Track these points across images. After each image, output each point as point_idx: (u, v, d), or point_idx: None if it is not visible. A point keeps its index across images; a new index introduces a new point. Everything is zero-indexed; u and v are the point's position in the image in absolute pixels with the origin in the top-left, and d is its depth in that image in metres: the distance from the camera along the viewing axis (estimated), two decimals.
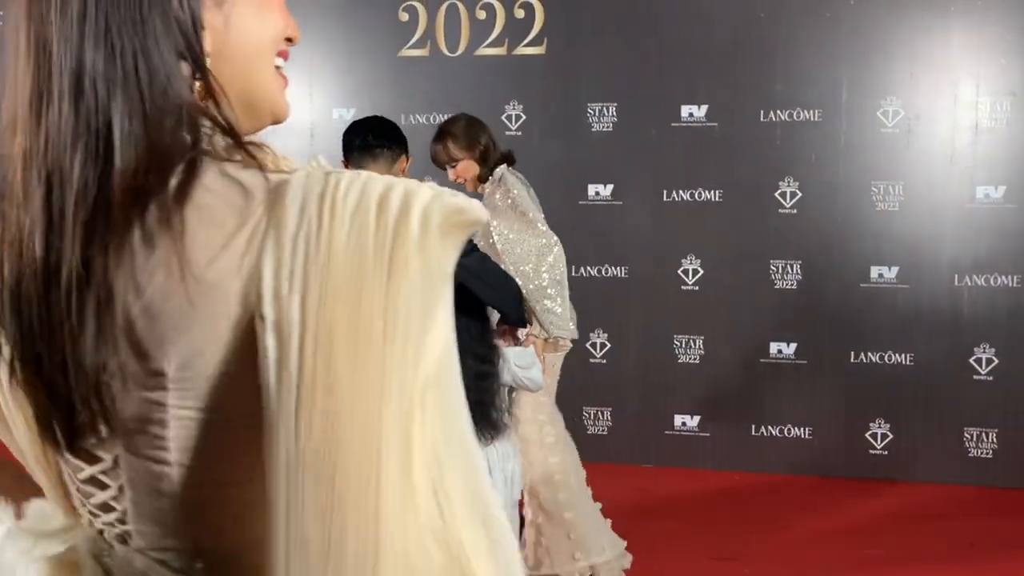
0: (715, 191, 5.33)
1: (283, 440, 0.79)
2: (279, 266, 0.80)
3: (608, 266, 5.47)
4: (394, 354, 0.79)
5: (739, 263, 5.32)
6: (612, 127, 5.42)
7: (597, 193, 5.45)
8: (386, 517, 0.79)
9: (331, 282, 0.79)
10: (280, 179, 0.84)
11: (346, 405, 0.78)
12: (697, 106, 5.31)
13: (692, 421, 5.45)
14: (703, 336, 5.40)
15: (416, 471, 0.80)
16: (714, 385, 5.40)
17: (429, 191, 0.82)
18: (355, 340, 0.78)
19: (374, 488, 0.78)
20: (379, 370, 0.79)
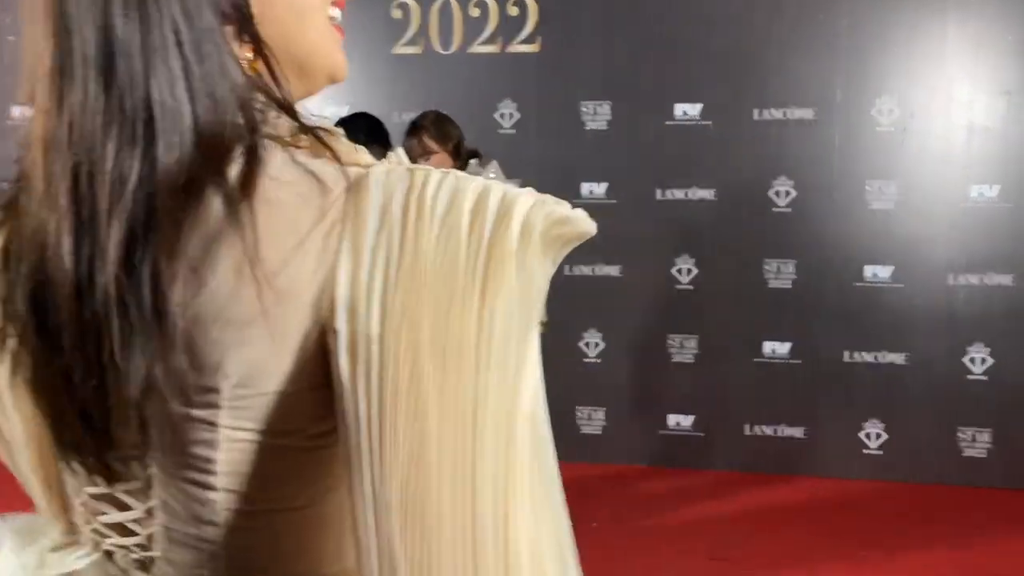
0: (709, 190, 5.30)
1: (367, 474, 0.70)
2: (356, 273, 0.70)
3: (602, 265, 5.45)
4: (488, 384, 0.70)
5: (733, 262, 5.30)
6: (606, 125, 5.40)
7: (591, 192, 5.43)
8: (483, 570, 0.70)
9: (416, 294, 0.69)
10: (358, 172, 0.74)
11: (432, 439, 0.69)
12: (691, 104, 5.29)
13: (686, 421, 5.43)
14: (697, 335, 5.38)
15: (512, 521, 0.71)
16: (708, 385, 5.37)
17: (531, 197, 0.74)
18: (443, 364, 0.69)
19: (469, 541, 0.70)
20: (471, 400, 0.70)
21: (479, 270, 0.70)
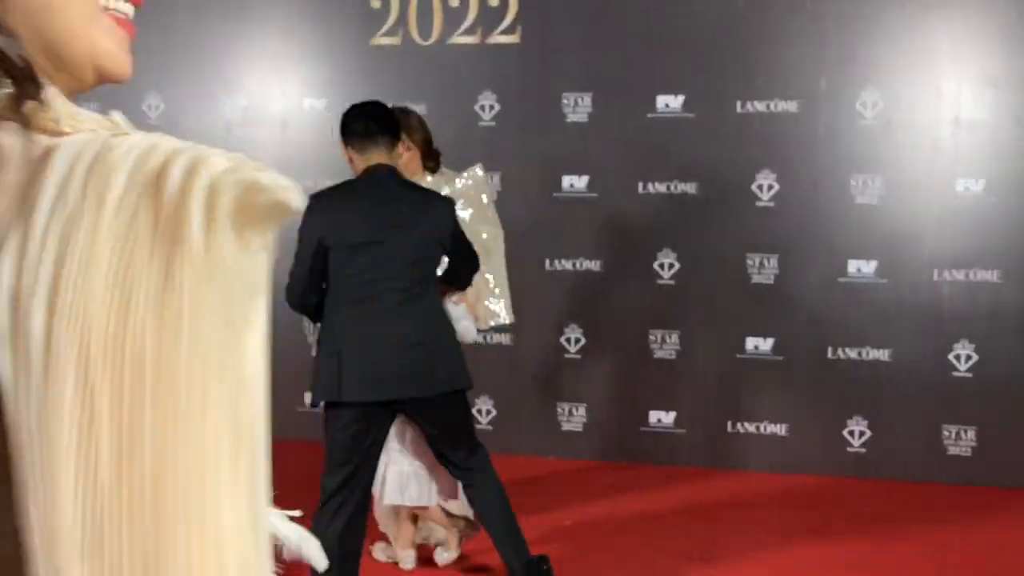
0: (691, 183, 5.26)
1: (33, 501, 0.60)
2: (22, 261, 0.60)
3: (583, 260, 5.41)
4: (177, 393, 0.59)
5: (715, 257, 5.25)
6: (587, 117, 5.34)
7: (572, 185, 5.38)
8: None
9: (90, 283, 0.58)
10: (51, 144, 0.63)
11: (104, 456, 0.59)
12: (674, 96, 5.25)
13: (667, 418, 5.39)
14: (679, 331, 5.34)
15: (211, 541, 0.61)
16: (690, 381, 5.34)
17: (225, 160, 0.62)
18: (120, 367, 0.58)
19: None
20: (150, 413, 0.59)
21: (160, 251, 0.58)
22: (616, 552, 4.18)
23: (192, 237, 0.59)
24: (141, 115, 5.76)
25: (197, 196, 0.59)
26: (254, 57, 5.72)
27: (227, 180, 0.60)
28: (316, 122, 5.67)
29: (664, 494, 4.93)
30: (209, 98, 5.79)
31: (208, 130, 5.77)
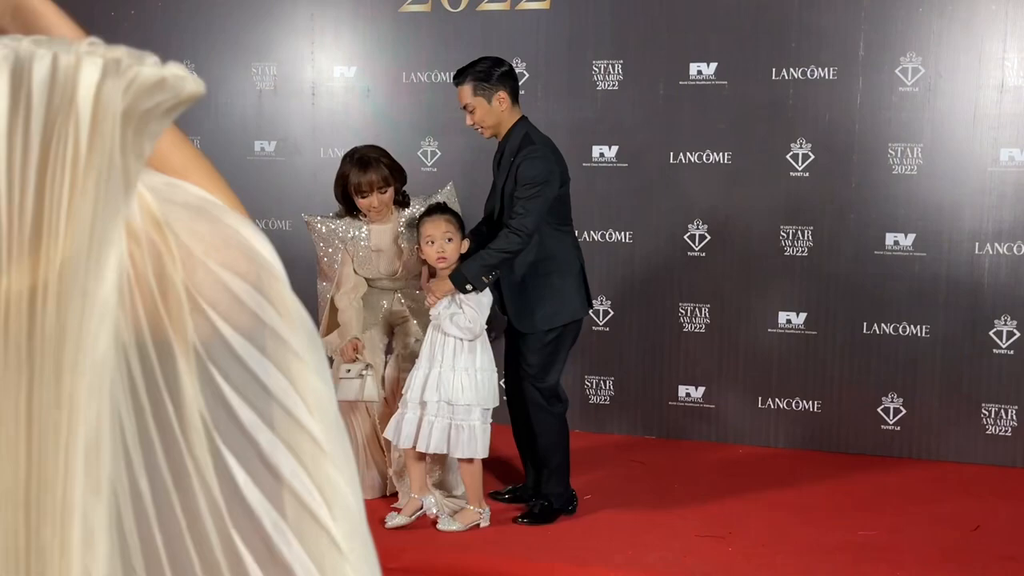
0: (724, 153, 5.15)
1: None
2: None
3: (612, 231, 5.34)
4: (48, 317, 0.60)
5: (748, 228, 5.14)
6: (618, 86, 5.25)
7: (602, 155, 5.31)
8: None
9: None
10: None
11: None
12: (706, 63, 5.13)
13: (696, 392, 5.32)
14: (709, 304, 5.25)
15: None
16: (720, 355, 5.25)
17: (97, 65, 0.61)
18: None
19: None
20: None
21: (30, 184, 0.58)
22: (638, 528, 4.11)
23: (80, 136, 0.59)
24: None
25: (83, 116, 0.59)
26: (284, 26, 5.70)
27: (113, 89, 0.60)
28: (346, 90, 5.65)
29: (689, 470, 4.86)
30: (240, 66, 5.78)
31: (239, 98, 5.78)
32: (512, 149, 3.93)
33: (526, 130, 3.97)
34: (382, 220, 4.21)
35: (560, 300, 4.00)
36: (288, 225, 5.74)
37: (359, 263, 4.26)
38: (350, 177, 4.10)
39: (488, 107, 3.96)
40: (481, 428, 3.87)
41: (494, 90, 3.92)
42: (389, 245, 4.23)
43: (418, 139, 5.54)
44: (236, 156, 5.77)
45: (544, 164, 3.84)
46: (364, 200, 4.12)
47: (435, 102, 5.43)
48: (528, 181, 3.82)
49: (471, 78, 3.94)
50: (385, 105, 5.60)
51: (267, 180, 5.78)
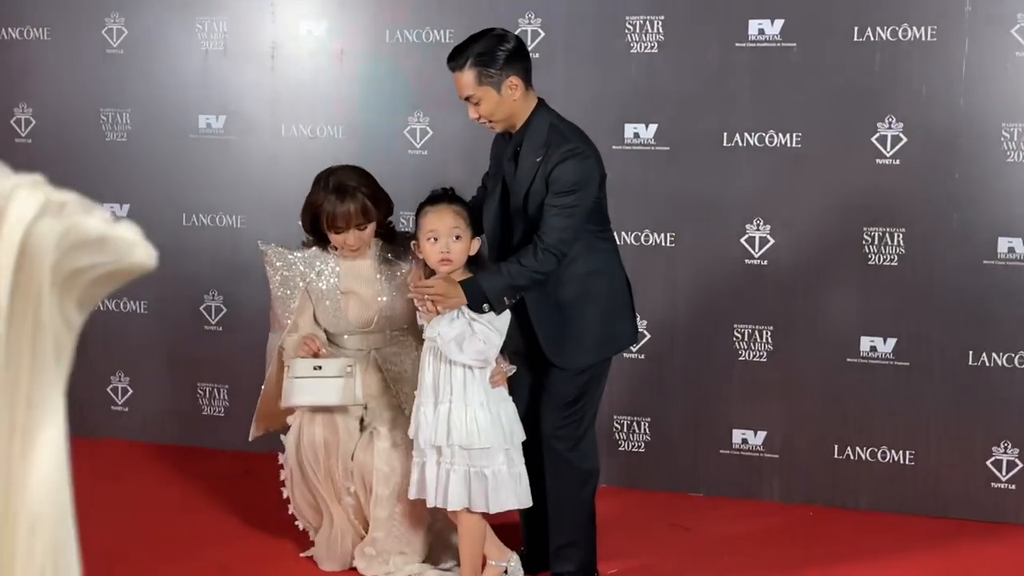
0: (792, 134, 4.98)
1: None
2: None
3: (650, 232, 5.18)
4: None
5: (821, 230, 4.99)
6: (658, 48, 5.09)
7: (636, 135, 5.16)
8: None
9: None
10: None
11: None
12: (770, 21, 4.97)
13: (755, 438, 5.16)
14: (772, 326, 5.08)
15: None
16: (786, 391, 5.10)
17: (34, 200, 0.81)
18: None
19: None
20: None
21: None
22: None
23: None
24: (101, 42, 5.65)
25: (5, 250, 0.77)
26: None
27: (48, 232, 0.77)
28: (314, 51, 5.48)
29: (747, 538, 4.66)
30: (181, 21, 5.61)
31: (181, 61, 5.63)
32: (535, 145, 3.82)
33: (550, 121, 3.86)
34: (358, 254, 4.17)
35: (608, 325, 3.93)
36: (240, 221, 5.63)
37: (323, 312, 4.17)
38: (323, 207, 4.06)
39: (497, 98, 3.81)
40: (509, 473, 3.82)
41: (503, 76, 3.78)
42: (364, 285, 4.15)
43: (404, 114, 5.40)
44: (175, 134, 5.64)
45: (585, 166, 3.77)
46: (338, 236, 4.08)
47: (426, 67, 5.25)
48: (566, 188, 3.73)
49: (472, 63, 3.79)
50: (364, 71, 5.46)
51: (214, 164, 5.63)
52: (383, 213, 4.13)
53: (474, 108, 3.82)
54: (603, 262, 3.92)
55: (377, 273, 4.15)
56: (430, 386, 3.79)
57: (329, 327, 4.16)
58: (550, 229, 3.70)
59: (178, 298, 5.63)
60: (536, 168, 3.77)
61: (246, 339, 5.43)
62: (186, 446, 5.61)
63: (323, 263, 4.14)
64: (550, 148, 3.77)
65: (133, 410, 5.76)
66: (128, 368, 5.76)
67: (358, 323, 4.14)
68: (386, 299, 4.11)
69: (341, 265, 4.14)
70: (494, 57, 3.76)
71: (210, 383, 5.65)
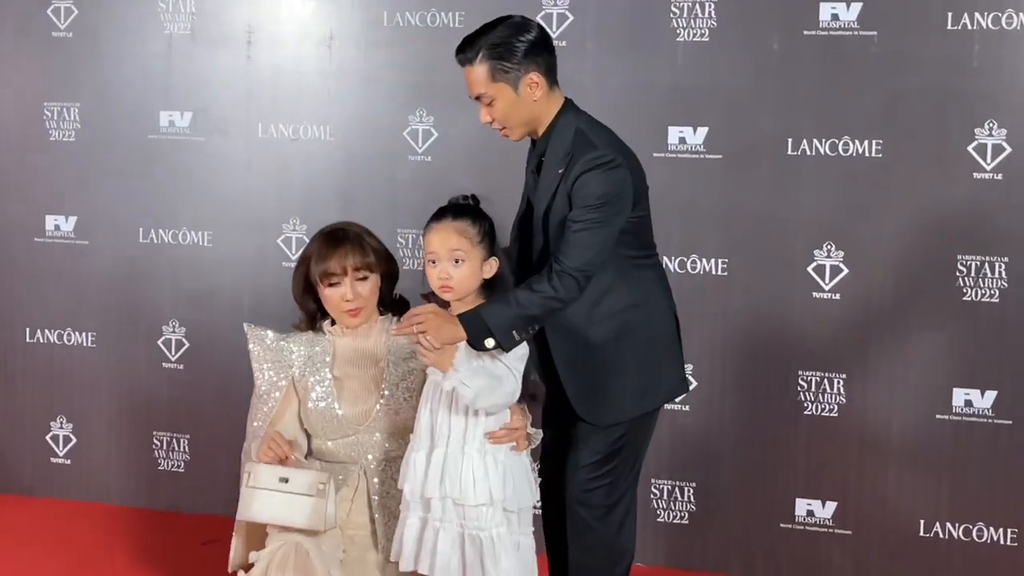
0: (871, 142, 4.97)
1: None
2: None
3: (697, 257, 5.18)
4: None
5: (905, 259, 4.98)
6: (709, 36, 5.10)
7: (682, 140, 5.16)
8: None
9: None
10: None
11: None
12: (845, 4, 4.97)
13: (823, 509, 5.14)
14: (845, 375, 5.05)
15: None
16: (862, 452, 5.06)
17: None
18: None
19: None
20: None
21: None
22: None
23: None
24: (46, 23, 5.68)
25: None
26: None
27: None
28: (299, 36, 5.48)
29: None
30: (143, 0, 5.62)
31: (139, 48, 5.63)
32: (559, 153, 3.77)
33: (577, 123, 3.80)
34: (358, 332, 4.02)
35: (650, 371, 3.86)
36: (207, 238, 5.63)
37: (309, 410, 3.97)
38: (313, 258, 3.99)
39: (514, 97, 3.74)
40: (509, 539, 3.71)
41: (521, 71, 3.72)
42: (363, 367, 4.00)
43: (405, 112, 5.41)
44: (133, 133, 5.66)
45: (615, 177, 3.68)
46: (334, 290, 3.94)
47: (431, 57, 5.29)
48: (591, 202, 3.65)
49: (484, 55, 3.73)
50: (357, 60, 5.48)
51: (178, 169, 5.64)
52: (387, 270, 4.04)
53: (486, 110, 3.77)
54: (644, 294, 3.85)
55: (382, 355, 4.02)
56: (425, 428, 3.74)
57: (315, 428, 3.98)
58: (570, 248, 3.63)
59: (132, 329, 5.62)
60: (558, 181, 3.73)
61: (212, 380, 5.44)
62: (139, 507, 5.56)
63: (314, 345, 4.04)
64: (574, 157, 3.72)
65: (77, 463, 5.73)
66: (71, 413, 5.73)
67: (351, 418, 3.95)
68: (389, 391, 3.94)
69: (336, 345, 4.04)
70: (511, 48, 3.71)
71: (168, 432, 5.61)
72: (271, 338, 4.05)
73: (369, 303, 3.98)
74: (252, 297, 5.47)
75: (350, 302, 3.93)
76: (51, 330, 5.67)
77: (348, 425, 3.92)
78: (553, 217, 3.72)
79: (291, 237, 5.41)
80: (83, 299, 5.65)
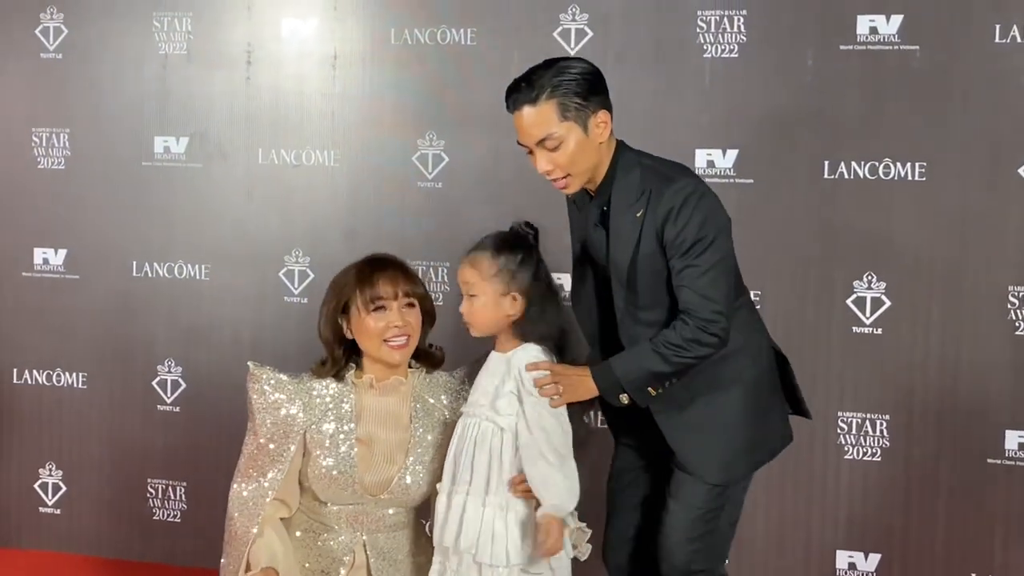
0: (914, 164, 4.93)
1: None
2: None
3: None
4: None
5: (952, 290, 4.93)
6: (737, 52, 5.08)
7: (711, 164, 5.14)
8: None
9: None
10: None
11: None
12: (885, 17, 4.95)
13: (866, 562, 5.08)
14: (888, 416, 4.99)
15: None
16: (907, 501, 5.00)
17: None
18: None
19: None
20: None
21: None
22: None
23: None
24: (34, 43, 5.68)
25: None
26: None
27: None
28: (300, 55, 5.46)
29: None
30: (137, 18, 5.61)
31: (133, 70, 5.61)
32: (631, 196, 3.63)
33: (639, 161, 3.68)
34: (385, 388, 3.83)
35: (757, 422, 3.78)
36: (204, 272, 5.58)
37: (319, 472, 3.70)
38: (351, 284, 3.78)
39: (583, 139, 3.57)
40: None
41: (591, 109, 3.59)
42: (390, 430, 3.80)
43: (413, 135, 5.39)
44: (126, 160, 5.64)
45: (708, 205, 3.60)
46: (380, 315, 3.74)
47: (442, 76, 5.33)
48: (698, 238, 3.54)
49: (551, 92, 3.56)
50: (362, 81, 5.46)
51: (174, 198, 5.61)
52: (428, 308, 3.87)
53: (547, 155, 3.57)
54: (742, 336, 3.73)
55: (411, 415, 3.82)
56: (450, 465, 3.67)
57: (321, 491, 3.75)
58: (695, 296, 3.50)
59: (125, 369, 5.57)
60: (640, 225, 3.58)
61: (210, 423, 5.38)
62: (132, 561, 5.49)
63: (337, 396, 3.79)
64: (653, 194, 3.58)
65: (67, 513, 5.66)
66: (61, 459, 5.66)
67: (371, 487, 3.75)
68: (413, 458, 3.76)
69: (362, 401, 3.80)
70: (580, 84, 3.56)
71: (164, 479, 5.54)
72: (280, 383, 3.76)
73: (415, 335, 3.79)
74: (253, 334, 5.40)
75: (399, 328, 3.72)
76: (39, 370, 5.60)
77: (362, 494, 3.72)
78: (642, 264, 3.59)
79: (294, 270, 5.33)
80: (73, 337, 5.59)
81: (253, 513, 3.67)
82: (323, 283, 3.88)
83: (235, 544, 3.71)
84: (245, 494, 3.72)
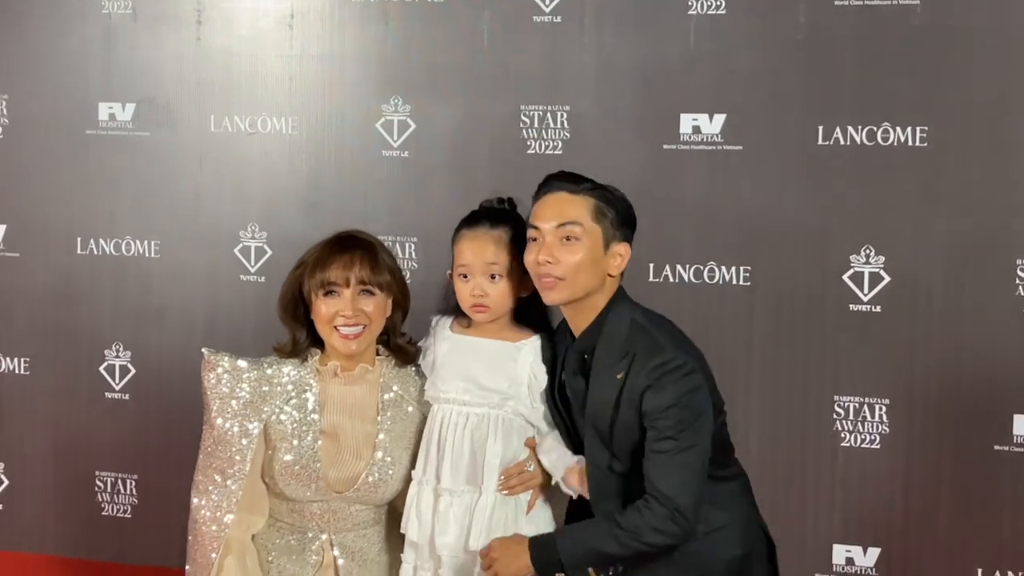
0: (914, 128, 4.96)
1: None
2: None
3: (715, 264, 5.17)
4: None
5: (955, 264, 4.97)
6: (725, 9, 5.11)
7: (697, 129, 5.15)
8: None
9: None
10: None
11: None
12: None
13: (865, 557, 5.10)
14: (887, 399, 5.02)
15: None
16: (908, 490, 5.04)
17: None
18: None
19: None
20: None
21: None
22: None
23: None
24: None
25: None
26: None
27: None
28: (255, 16, 5.47)
29: None
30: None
31: (75, 32, 5.59)
32: (614, 354, 3.58)
33: (632, 315, 3.63)
34: (350, 376, 3.76)
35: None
36: (154, 249, 5.59)
37: (282, 466, 3.66)
38: (310, 263, 3.71)
39: (599, 254, 3.54)
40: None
41: (618, 234, 3.61)
42: (356, 422, 3.73)
43: (377, 100, 5.41)
44: (69, 128, 5.68)
45: (690, 385, 3.52)
46: (330, 301, 3.66)
47: (409, 37, 5.36)
48: (673, 423, 3.49)
49: (594, 193, 3.56)
50: (322, 42, 5.49)
51: (121, 168, 5.61)
52: (399, 297, 3.77)
53: (556, 247, 3.53)
54: (727, 514, 3.68)
55: (378, 407, 3.77)
56: (424, 455, 3.66)
57: (284, 487, 3.70)
58: (665, 486, 3.46)
59: (70, 354, 5.58)
60: (618, 389, 3.54)
61: (162, 411, 5.40)
62: (80, 559, 5.51)
63: (299, 383, 3.73)
64: (635, 359, 3.53)
65: (8, 509, 5.69)
66: (2, 451, 5.69)
67: (333, 483, 3.71)
68: (381, 453, 3.71)
69: (326, 390, 3.74)
70: (619, 205, 3.58)
71: (113, 472, 5.56)
72: (241, 368, 3.68)
73: (372, 325, 3.69)
74: (206, 315, 5.42)
75: (346, 317, 3.64)
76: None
77: (327, 491, 3.69)
78: (619, 432, 3.55)
79: (250, 246, 5.35)
80: (13, 319, 5.61)
81: (215, 535, 3.61)
82: (281, 260, 3.86)
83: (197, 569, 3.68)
84: (206, 513, 3.65)
